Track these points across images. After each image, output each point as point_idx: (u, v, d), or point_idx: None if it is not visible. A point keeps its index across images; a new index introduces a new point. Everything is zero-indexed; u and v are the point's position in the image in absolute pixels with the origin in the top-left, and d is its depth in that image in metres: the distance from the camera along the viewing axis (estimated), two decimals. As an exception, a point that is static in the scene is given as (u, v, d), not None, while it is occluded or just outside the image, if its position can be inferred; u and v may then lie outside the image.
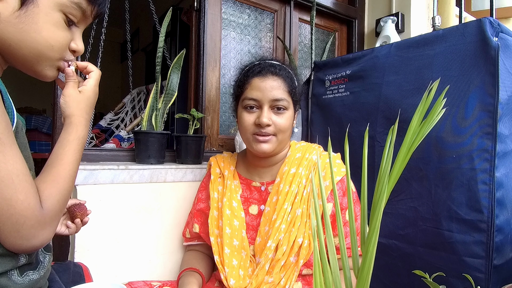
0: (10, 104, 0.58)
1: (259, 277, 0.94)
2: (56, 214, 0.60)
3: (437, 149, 1.03)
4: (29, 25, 0.58)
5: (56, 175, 0.62)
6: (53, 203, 0.59)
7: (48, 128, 3.63)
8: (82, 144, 0.68)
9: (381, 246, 1.13)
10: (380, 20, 1.96)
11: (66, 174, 0.63)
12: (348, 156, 0.47)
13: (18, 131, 0.60)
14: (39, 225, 0.56)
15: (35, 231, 0.56)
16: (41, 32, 0.60)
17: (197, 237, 1.13)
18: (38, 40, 0.60)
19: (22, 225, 0.54)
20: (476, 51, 0.97)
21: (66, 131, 0.67)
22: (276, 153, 1.03)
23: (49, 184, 0.60)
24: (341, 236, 0.44)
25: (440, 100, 0.41)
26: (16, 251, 0.58)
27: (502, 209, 0.94)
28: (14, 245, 0.56)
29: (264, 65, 1.00)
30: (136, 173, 1.15)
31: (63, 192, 0.62)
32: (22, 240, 0.55)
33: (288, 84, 0.99)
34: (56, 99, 1.18)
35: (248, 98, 0.98)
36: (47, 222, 0.58)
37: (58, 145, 0.66)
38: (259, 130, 0.97)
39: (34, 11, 0.58)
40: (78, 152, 0.67)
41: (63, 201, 0.62)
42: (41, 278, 0.65)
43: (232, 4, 1.69)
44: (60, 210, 0.62)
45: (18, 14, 0.57)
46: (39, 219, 0.56)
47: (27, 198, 0.54)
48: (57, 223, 0.62)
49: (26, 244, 0.56)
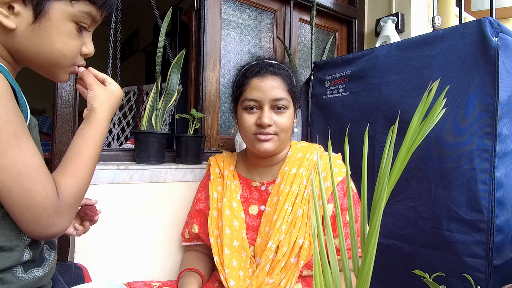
0: (24, 102, 0.60)
1: (259, 278, 0.94)
2: (72, 205, 0.62)
3: (437, 149, 1.03)
4: (43, 38, 0.61)
5: (74, 168, 0.63)
6: (69, 194, 0.61)
7: (48, 128, 3.62)
8: (103, 140, 0.69)
9: (381, 246, 1.13)
10: (380, 20, 1.96)
11: (85, 168, 0.64)
12: (348, 156, 0.47)
13: (31, 129, 0.62)
14: (56, 215, 0.58)
15: (53, 220, 0.58)
16: (55, 44, 0.62)
17: (196, 238, 1.13)
18: (52, 51, 0.62)
19: (41, 215, 0.56)
20: (476, 51, 0.97)
21: (91, 125, 0.67)
22: (277, 153, 1.03)
23: (67, 177, 0.62)
24: (341, 237, 0.44)
25: (440, 100, 0.41)
26: (37, 238, 0.62)
27: (502, 209, 0.94)
28: (34, 232, 0.58)
29: (263, 65, 0.99)
30: (136, 173, 1.15)
31: (80, 186, 0.63)
32: (42, 228, 0.58)
33: (288, 83, 0.99)
34: (56, 99, 1.18)
35: (248, 99, 0.98)
36: (63, 212, 0.60)
37: (80, 138, 0.66)
38: (261, 130, 0.96)
39: (47, 24, 0.60)
40: (99, 147, 0.67)
41: (80, 194, 0.64)
42: (45, 276, 0.66)
43: (232, 4, 1.69)
44: (76, 202, 0.63)
45: (33, 28, 0.59)
46: (56, 209, 0.58)
47: (44, 189, 0.56)
48: (73, 214, 0.64)
49: (46, 232, 0.59)
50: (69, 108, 1.20)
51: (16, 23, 0.59)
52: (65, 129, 1.19)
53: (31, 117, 0.62)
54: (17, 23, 0.59)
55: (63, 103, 1.19)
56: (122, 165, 1.15)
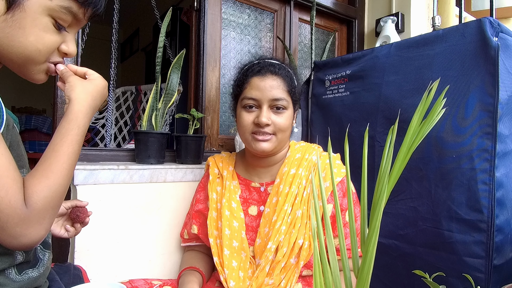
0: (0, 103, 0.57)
1: (259, 279, 0.94)
2: (44, 211, 0.55)
3: (437, 149, 1.03)
4: (16, 30, 0.57)
5: (47, 168, 0.57)
6: (38, 199, 0.54)
7: (48, 128, 3.63)
8: (81, 135, 0.62)
9: (381, 246, 1.13)
10: (380, 20, 1.96)
11: (59, 167, 0.57)
12: (348, 156, 0.47)
13: (9, 129, 0.59)
14: (23, 224, 0.53)
15: (20, 229, 0.53)
16: (29, 37, 0.58)
17: (195, 238, 1.13)
18: (25, 45, 0.58)
19: (6, 224, 0.52)
20: (476, 51, 0.97)
21: (66, 119, 0.61)
22: (275, 153, 1.03)
23: (36, 179, 0.55)
24: (341, 237, 0.44)
25: (440, 100, 0.41)
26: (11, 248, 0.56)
27: (502, 209, 0.94)
28: (5, 242, 0.54)
29: (264, 64, 0.99)
30: (136, 173, 1.15)
31: (53, 188, 0.56)
32: (11, 238, 0.53)
33: (288, 84, 0.99)
34: (56, 99, 1.18)
35: (247, 98, 0.98)
36: (33, 221, 0.54)
37: (55, 135, 0.60)
38: (258, 130, 0.96)
39: (21, 15, 0.56)
40: (77, 144, 0.61)
41: (53, 197, 0.56)
42: (40, 276, 0.65)
43: (232, 4, 1.69)
44: (50, 207, 0.56)
45: (5, 18, 0.56)
46: (22, 217, 0.52)
47: (7, 195, 0.51)
48: (49, 221, 0.57)
49: (17, 242, 0.54)
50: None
51: None
52: (65, 129, 1.19)
53: (8, 118, 0.58)
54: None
55: (63, 103, 1.19)
56: (122, 165, 1.15)
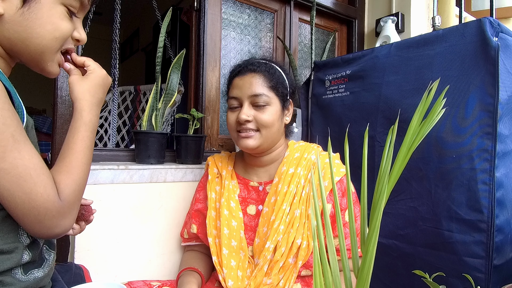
0: (20, 104, 0.59)
1: (257, 278, 0.94)
2: (74, 203, 0.62)
3: (437, 149, 1.03)
4: (33, 21, 0.59)
5: (68, 164, 0.62)
6: (69, 193, 0.60)
7: (48, 128, 3.63)
8: (90, 131, 0.67)
9: (381, 246, 1.13)
10: (380, 20, 1.96)
11: (78, 163, 0.63)
12: (348, 156, 0.47)
13: (29, 130, 0.61)
14: (59, 215, 0.58)
15: (56, 221, 0.58)
16: (46, 26, 0.60)
17: (195, 238, 1.13)
18: (43, 34, 0.61)
19: (44, 217, 0.56)
20: (476, 51, 0.97)
21: (74, 118, 0.67)
22: (265, 150, 1.03)
23: (64, 174, 0.61)
24: (341, 237, 0.44)
25: (440, 100, 0.41)
26: (42, 238, 0.62)
27: (502, 209, 0.94)
28: (39, 233, 0.59)
29: (244, 65, 1.03)
30: (136, 173, 1.15)
31: (78, 182, 0.62)
32: (46, 229, 0.58)
33: (269, 79, 0.99)
34: (56, 99, 1.18)
35: (230, 97, 1.02)
36: (66, 212, 0.59)
37: (68, 134, 0.66)
38: (241, 127, 0.98)
39: (36, 7, 0.59)
40: (88, 139, 0.66)
41: (79, 190, 0.63)
42: (45, 276, 0.66)
43: (232, 4, 1.69)
44: (77, 199, 0.63)
45: (22, 11, 0.58)
46: (58, 209, 0.58)
47: (46, 190, 0.56)
48: (76, 212, 0.63)
49: (50, 233, 0.59)
50: (69, 108, 1.20)
51: (4, 8, 0.57)
52: (65, 129, 1.19)
53: (28, 118, 0.62)
54: (5, 8, 0.57)
55: (63, 103, 1.19)
56: (122, 165, 1.15)
